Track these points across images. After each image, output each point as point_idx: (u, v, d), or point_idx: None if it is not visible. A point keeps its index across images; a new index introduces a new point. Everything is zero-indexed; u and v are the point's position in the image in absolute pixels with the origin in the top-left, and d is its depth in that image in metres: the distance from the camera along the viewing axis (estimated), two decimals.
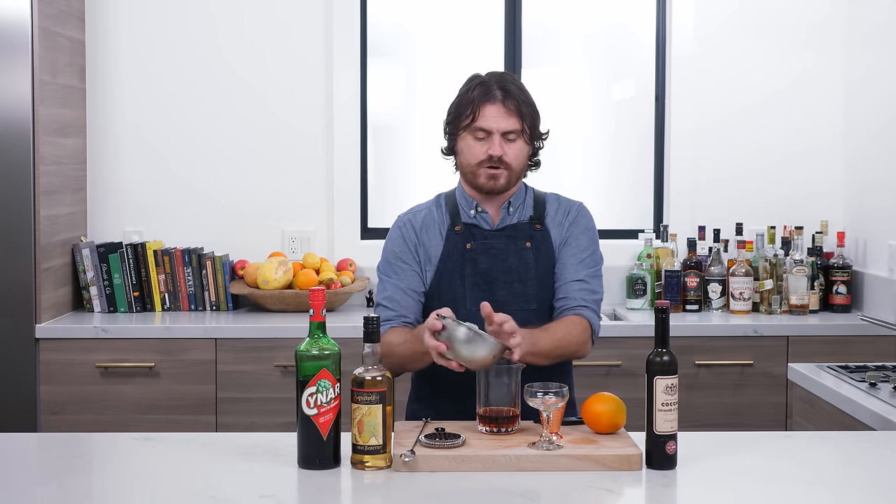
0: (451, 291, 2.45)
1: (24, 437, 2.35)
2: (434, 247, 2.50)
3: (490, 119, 2.42)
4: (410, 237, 2.51)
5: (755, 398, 3.63)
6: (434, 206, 2.56)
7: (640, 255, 4.08)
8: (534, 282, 2.46)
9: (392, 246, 2.53)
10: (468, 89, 2.47)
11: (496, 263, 2.46)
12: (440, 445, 2.02)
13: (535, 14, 4.29)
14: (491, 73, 2.51)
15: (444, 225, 2.51)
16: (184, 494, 1.87)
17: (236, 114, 4.16)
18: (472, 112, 2.43)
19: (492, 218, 2.51)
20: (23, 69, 3.55)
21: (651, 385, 1.99)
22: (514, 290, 2.45)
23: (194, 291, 3.95)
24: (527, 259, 2.47)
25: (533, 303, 2.46)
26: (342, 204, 4.15)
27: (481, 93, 2.44)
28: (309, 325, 2.00)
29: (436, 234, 2.51)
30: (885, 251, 3.81)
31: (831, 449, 2.22)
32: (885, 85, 3.84)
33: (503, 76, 2.49)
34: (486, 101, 2.43)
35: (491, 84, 2.45)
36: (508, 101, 2.43)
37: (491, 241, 2.48)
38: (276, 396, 3.60)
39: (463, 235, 2.49)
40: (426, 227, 2.52)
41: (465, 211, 2.52)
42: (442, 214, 2.53)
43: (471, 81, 2.50)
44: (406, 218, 2.56)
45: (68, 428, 3.55)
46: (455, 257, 2.47)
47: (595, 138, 4.35)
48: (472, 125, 2.43)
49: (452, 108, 2.51)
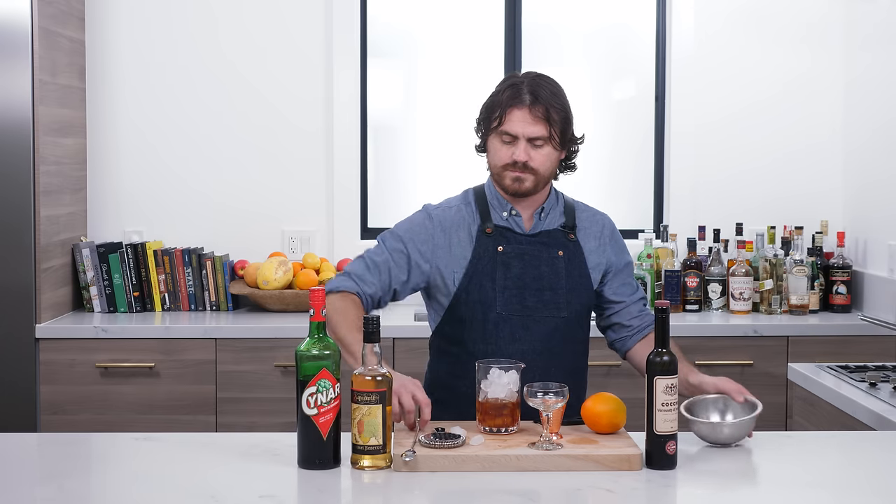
0: (481, 294, 2.40)
1: (24, 437, 2.35)
2: (463, 247, 2.43)
3: (516, 124, 2.37)
4: (436, 237, 2.44)
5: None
6: (463, 203, 2.49)
7: (640, 255, 4.08)
8: (564, 290, 2.43)
9: (410, 230, 2.45)
10: (500, 90, 2.41)
11: (528, 269, 2.42)
12: (440, 445, 2.02)
13: (535, 14, 4.29)
14: (527, 73, 2.45)
15: (473, 224, 2.46)
16: (184, 494, 1.87)
17: (236, 114, 4.16)
18: (499, 115, 2.38)
19: (525, 222, 2.47)
20: (23, 69, 3.55)
21: (651, 385, 1.99)
22: (545, 297, 2.42)
23: (194, 291, 3.95)
24: (558, 268, 2.44)
25: (563, 311, 2.43)
26: (342, 204, 4.15)
27: (510, 95, 2.38)
28: (309, 325, 2.00)
29: (465, 234, 2.44)
30: (885, 251, 3.81)
31: (831, 449, 2.22)
32: (884, 85, 3.84)
33: (537, 78, 2.42)
34: (513, 104, 2.37)
35: (521, 87, 2.38)
36: (536, 107, 2.36)
37: (524, 247, 2.44)
38: (276, 396, 3.60)
39: (494, 238, 2.43)
40: (456, 226, 2.45)
41: (496, 212, 2.46)
42: (472, 213, 2.47)
43: (504, 81, 2.44)
44: (437, 213, 2.47)
45: (68, 428, 3.55)
46: (486, 260, 2.42)
47: (595, 138, 4.35)
48: (498, 128, 2.38)
49: (484, 107, 2.45)
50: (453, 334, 2.43)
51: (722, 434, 2.12)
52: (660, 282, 4.00)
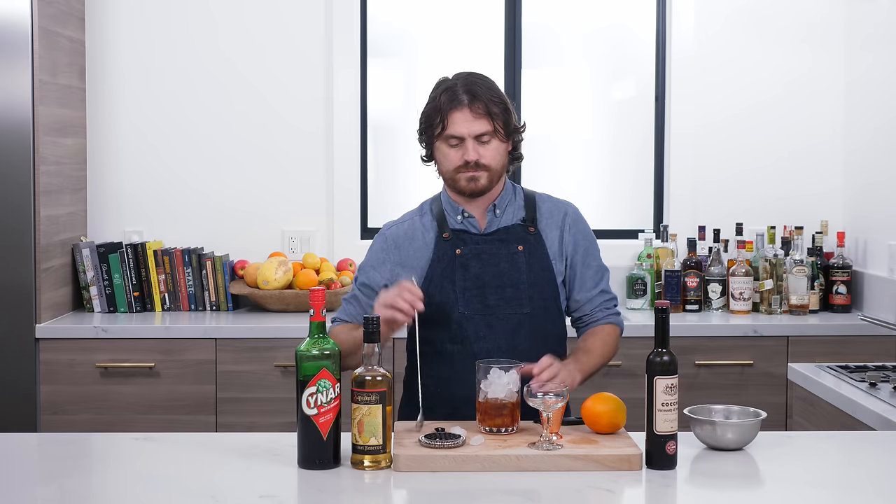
0: (442, 297, 2.43)
1: (24, 437, 2.35)
2: (418, 258, 2.47)
3: (460, 125, 2.38)
4: (391, 256, 2.50)
5: (755, 398, 3.62)
6: (418, 215, 2.54)
7: (640, 255, 4.08)
8: (526, 286, 2.44)
9: (371, 260, 2.52)
10: (435, 96, 2.43)
11: (487, 268, 2.44)
12: (440, 445, 2.02)
13: (535, 14, 4.29)
14: (457, 74, 2.46)
15: (429, 233, 2.49)
16: (184, 494, 1.87)
17: (236, 114, 4.16)
18: (441, 120, 2.40)
19: (478, 222, 2.48)
20: (23, 69, 3.55)
21: (651, 385, 1.99)
22: (507, 294, 2.44)
23: (194, 291, 3.95)
24: (518, 263, 2.45)
25: (526, 307, 2.44)
26: (342, 204, 4.15)
27: (448, 99, 2.39)
28: (309, 325, 2.00)
29: (420, 245, 2.48)
30: (885, 251, 3.81)
31: (831, 449, 2.22)
32: (884, 85, 3.84)
33: (469, 77, 2.44)
34: (452, 107, 2.39)
35: (457, 88, 2.40)
36: (476, 105, 2.38)
37: (482, 247, 2.46)
38: (276, 396, 3.60)
39: (451, 242, 2.46)
40: (408, 238, 2.50)
41: (451, 217, 2.49)
42: (428, 222, 2.51)
43: (437, 87, 2.46)
44: (391, 231, 2.53)
45: (68, 428, 3.55)
46: (444, 263, 2.45)
47: (595, 138, 4.35)
48: (443, 133, 2.40)
49: (423, 116, 2.46)
50: (424, 335, 2.41)
51: (724, 437, 2.11)
52: (660, 282, 4.00)
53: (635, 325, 3.67)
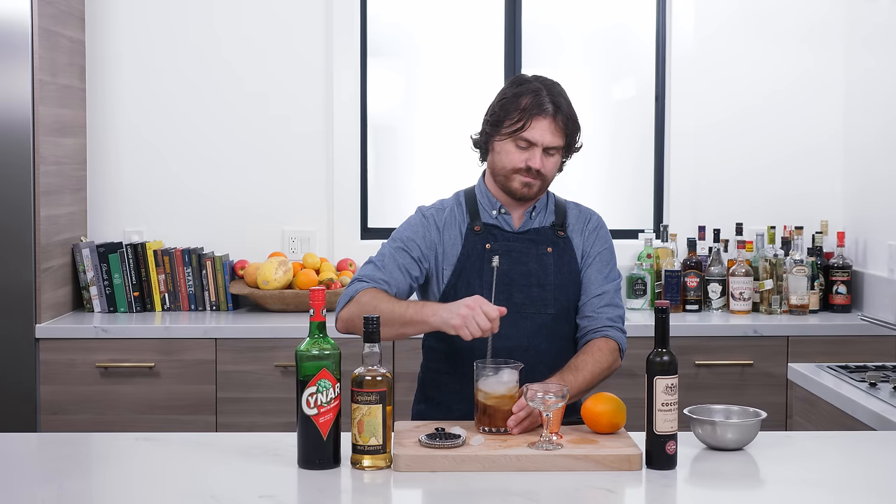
0: (469, 291, 2.40)
1: (24, 437, 2.35)
2: (453, 246, 2.47)
3: (538, 133, 2.38)
4: (431, 233, 2.48)
5: (755, 398, 3.62)
6: (455, 204, 2.52)
7: (640, 255, 4.08)
8: (552, 287, 2.44)
9: (409, 232, 2.48)
10: (518, 94, 2.40)
11: (516, 266, 2.44)
12: (440, 445, 2.02)
13: (535, 15, 4.29)
14: (540, 80, 2.44)
15: (463, 224, 2.48)
16: (184, 494, 1.87)
17: (236, 113, 4.16)
18: (521, 121, 2.37)
19: (514, 221, 2.49)
20: (23, 69, 3.55)
21: (651, 385, 1.99)
22: (533, 294, 2.43)
23: (194, 291, 3.95)
24: (547, 264, 2.45)
25: (551, 307, 2.44)
26: (342, 204, 4.15)
27: (534, 104, 2.37)
28: (309, 325, 2.00)
29: (456, 234, 2.48)
30: (885, 251, 3.81)
31: (831, 449, 2.22)
32: (885, 85, 3.84)
33: (554, 87, 2.42)
34: (538, 114, 2.37)
35: (543, 95, 2.38)
36: (559, 118, 2.38)
37: (512, 244, 2.46)
38: (276, 396, 3.60)
39: (482, 236, 2.46)
40: (448, 225, 2.49)
41: (486, 211, 2.49)
42: (462, 213, 2.50)
43: (520, 85, 2.42)
44: (431, 213, 2.51)
45: (68, 428, 3.55)
46: (474, 257, 2.45)
47: (595, 138, 4.35)
48: (518, 133, 2.38)
49: (497, 107, 2.43)
50: (443, 332, 2.41)
51: (725, 437, 2.11)
52: (660, 282, 4.00)
53: (635, 325, 3.67)
